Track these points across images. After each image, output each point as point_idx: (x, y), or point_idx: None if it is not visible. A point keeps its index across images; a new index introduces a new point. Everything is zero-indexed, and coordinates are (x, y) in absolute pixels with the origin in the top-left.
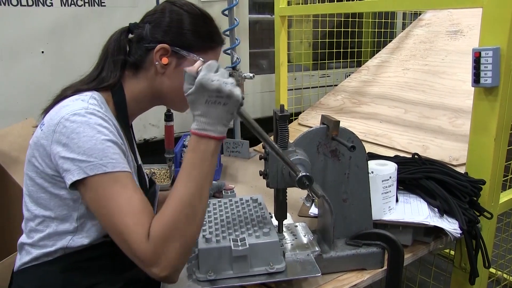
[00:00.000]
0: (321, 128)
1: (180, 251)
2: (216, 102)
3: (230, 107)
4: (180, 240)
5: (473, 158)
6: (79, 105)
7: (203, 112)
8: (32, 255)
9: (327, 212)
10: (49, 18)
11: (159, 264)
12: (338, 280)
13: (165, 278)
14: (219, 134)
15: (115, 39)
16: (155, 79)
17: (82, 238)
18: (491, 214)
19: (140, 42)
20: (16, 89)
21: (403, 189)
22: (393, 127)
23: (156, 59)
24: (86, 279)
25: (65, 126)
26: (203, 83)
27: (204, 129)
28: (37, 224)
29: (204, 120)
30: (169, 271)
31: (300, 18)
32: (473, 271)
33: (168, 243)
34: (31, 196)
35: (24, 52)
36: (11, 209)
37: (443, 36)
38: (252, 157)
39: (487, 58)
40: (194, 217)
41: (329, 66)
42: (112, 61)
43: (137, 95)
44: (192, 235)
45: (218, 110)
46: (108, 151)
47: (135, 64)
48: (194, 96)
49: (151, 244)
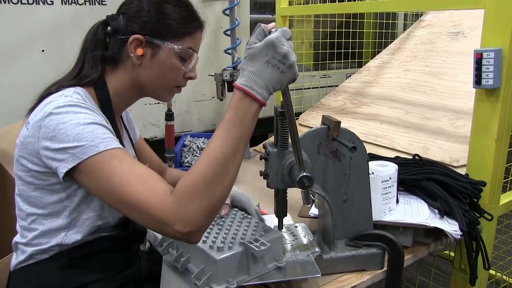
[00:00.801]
0: (322, 128)
1: (205, 209)
2: (276, 66)
3: (286, 77)
4: (206, 198)
5: (474, 160)
6: (62, 100)
7: (258, 70)
8: (27, 253)
9: (327, 213)
10: (50, 16)
11: (182, 220)
12: (338, 281)
13: (187, 235)
14: (263, 99)
15: (92, 33)
16: (133, 71)
17: (76, 233)
18: (491, 215)
19: (116, 35)
20: (16, 87)
21: (403, 190)
22: (393, 128)
23: (131, 50)
24: (84, 276)
25: (50, 119)
26: (275, 43)
27: (252, 88)
28: (29, 223)
29: (255, 79)
30: (192, 227)
31: (301, 18)
32: (473, 272)
33: (194, 199)
34: (22, 196)
35: (24, 51)
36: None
37: (444, 37)
38: (252, 157)
39: (489, 59)
40: (224, 176)
41: (330, 67)
42: (92, 57)
43: (119, 89)
44: (220, 196)
45: (274, 74)
46: (98, 132)
47: (113, 58)
48: (258, 50)
49: (175, 199)
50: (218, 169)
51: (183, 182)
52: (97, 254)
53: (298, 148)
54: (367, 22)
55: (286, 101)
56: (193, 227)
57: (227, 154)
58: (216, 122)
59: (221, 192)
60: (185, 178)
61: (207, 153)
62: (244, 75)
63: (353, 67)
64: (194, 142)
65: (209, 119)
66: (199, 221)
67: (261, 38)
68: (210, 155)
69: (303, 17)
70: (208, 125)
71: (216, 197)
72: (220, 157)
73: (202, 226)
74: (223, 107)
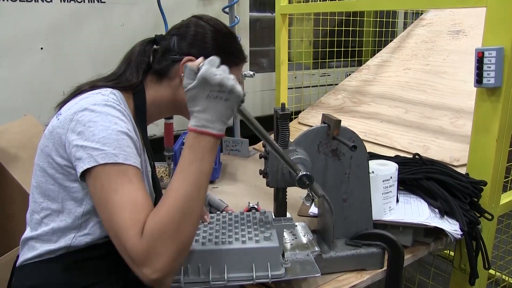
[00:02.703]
0: (322, 127)
1: (174, 251)
2: (218, 97)
3: (232, 103)
4: (174, 239)
5: (475, 159)
6: (99, 98)
7: (203, 108)
8: (36, 251)
9: (327, 212)
10: (49, 14)
11: (150, 264)
12: (337, 280)
13: (156, 281)
14: (218, 132)
15: (140, 47)
16: (179, 89)
17: (84, 236)
18: (491, 215)
19: (166, 53)
20: (14, 85)
21: (403, 189)
22: (393, 127)
23: (182, 70)
24: (88, 278)
25: (83, 114)
26: (206, 77)
27: (203, 126)
28: (42, 217)
29: (203, 117)
30: (161, 273)
31: (301, 16)
32: (473, 272)
33: (161, 241)
34: (39, 187)
35: (23, 49)
36: (10, 206)
37: (444, 36)
38: (251, 156)
39: (490, 58)
40: (190, 216)
41: (330, 65)
42: (135, 66)
43: (158, 101)
44: (187, 235)
45: (219, 105)
46: (122, 143)
47: (159, 71)
48: (195, 91)
49: (143, 241)
50: (183, 208)
51: (151, 223)
52: (102, 258)
53: (282, 156)
54: (367, 21)
55: (247, 120)
56: (162, 274)
57: (189, 193)
58: None
59: (188, 231)
60: (153, 218)
61: (170, 194)
62: (194, 117)
63: (353, 65)
64: None
65: None
66: (168, 267)
67: (194, 77)
68: (172, 195)
69: (303, 15)
70: None
71: (183, 237)
72: (182, 197)
73: (170, 271)
74: None
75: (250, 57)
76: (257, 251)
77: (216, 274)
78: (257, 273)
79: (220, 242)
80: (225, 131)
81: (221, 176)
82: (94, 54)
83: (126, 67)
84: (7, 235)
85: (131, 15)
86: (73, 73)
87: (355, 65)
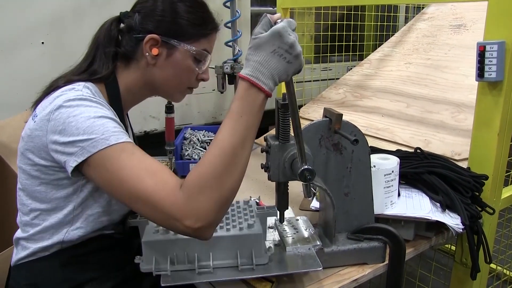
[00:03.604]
0: (324, 121)
1: (217, 201)
2: (282, 56)
3: (291, 67)
4: (217, 191)
5: (476, 153)
6: (72, 93)
7: (264, 60)
8: (28, 250)
9: (328, 206)
10: (50, 8)
11: (192, 214)
12: (339, 274)
13: (198, 231)
14: (268, 89)
15: (106, 29)
16: (147, 70)
17: (77, 229)
18: (493, 209)
19: (130, 32)
20: (15, 80)
21: (405, 183)
22: (395, 121)
23: (146, 50)
24: (84, 274)
25: (60, 112)
26: (281, 32)
27: (257, 78)
28: (32, 218)
29: (261, 69)
30: (205, 222)
31: (302, 10)
32: (475, 266)
33: (204, 192)
34: (25, 190)
35: (24, 43)
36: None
37: (446, 30)
38: (253, 150)
39: (492, 52)
40: (235, 168)
41: (331, 59)
42: (104, 53)
43: (130, 86)
44: (231, 187)
45: (279, 64)
46: (108, 125)
47: (126, 55)
48: (265, 40)
49: (184, 193)
50: (228, 160)
51: (192, 175)
52: (98, 252)
53: (300, 140)
54: (368, 15)
55: (290, 92)
56: (204, 222)
57: (236, 145)
58: (217, 115)
59: (231, 184)
60: (195, 171)
61: (215, 144)
62: (250, 65)
63: (354, 60)
64: (195, 135)
65: (210, 112)
66: (210, 216)
67: (267, 29)
68: (218, 146)
69: (304, 9)
70: (209, 118)
71: (226, 189)
72: (229, 148)
73: (213, 220)
74: (223, 100)
75: None
76: (241, 238)
77: (202, 261)
78: (242, 260)
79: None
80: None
81: None
82: None
83: (95, 54)
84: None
85: None
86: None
87: (356, 60)
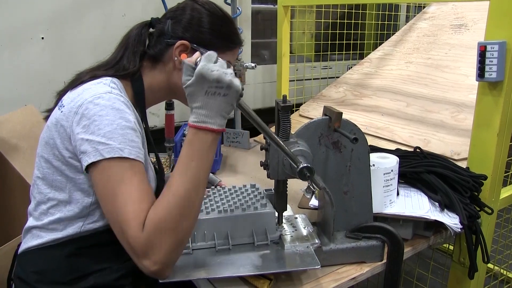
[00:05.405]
0: (323, 119)
1: (173, 244)
2: (216, 93)
3: (230, 98)
4: (173, 234)
5: (475, 153)
6: (102, 89)
7: (202, 104)
8: (42, 239)
9: (327, 204)
10: (50, 3)
11: (150, 256)
12: (337, 272)
13: (156, 272)
14: (218, 127)
15: (136, 31)
16: (173, 73)
17: (93, 223)
18: (491, 209)
19: (161, 37)
20: (15, 75)
21: (404, 182)
22: (394, 120)
23: (175, 54)
24: (90, 265)
25: (87, 108)
26: (203, 73)
27: (203, 122)
28: (49, 207)
29: (203, 112)
30: (161, 265)
31: (303, 8)
32: (473, 266)
33: (161, 235)
34: (45, 179)
35: (24, 38)
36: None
37: (447, 29)
38: (252, 148)
39: (493, 52)
40: (189, 211)
41: (331, 58)
42: (132, 52)
43: (153, 86)
44: (187, 230)
45: (217, 101)
46: (128, 137)
47: (154, 56)
48: (194, 87)
49: (144, 234)
50: (183, 204)
51: (151, 217)
52: (105, 244)
53: (283, 149)
54: (369, 14)
55: (245, 113)
56: (161, 266)
57: (189, 189)
58: None
59: (186, 226)
60: (153, 212)
61: (169, 190)
62: (193, 113)
63: (355, 58)
64: None
65: None
66: (167, 257)
67: (191, 73)
68: (172, 192)
69: (305, 7)
70: None
71: (182, 231)
72: (182, 193)
73: (169, 262)
74: None
75: (251, 49)
76: (256, 216)
77: (221, 239)
78: (258, 237)
79: (223, 211)
80: (225, 125)
81: (221, 168)
82: (95, 44)
83: (123, 53)
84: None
85: (132, 5)
86: (74, 63)
87: (356, 58)
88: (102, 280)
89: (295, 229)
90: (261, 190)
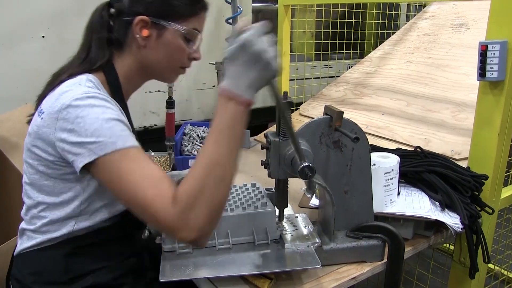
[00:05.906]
0: (324, 118)
1: (208, 214)
2: (254, 65)
3: (265, 75)
4: (208, 203)
5: (476, 153)
6: (79, 90)
7: (236, 72)
8: (35, 241)
9: (328, 204)
10: (50, 2)
11: (187, 227)
12: (337, 272)
13: (194, 241)
14: (247, 99)
15: (97, 14)
16: (139, 52)
17: (86, 221)
18: (492, 209)
19: (120, 16)
20: (15, 74)
21: (404, 182)
22: (395, 120)
23: (136, 32)
24: (88, 264)
25: (68, 112)
26: (245, 44)
27: (233, 91)
28: (39, 211)
29: (235, 81)
30: (198, 233)
31: (304, 8)
32: (473, 266)
33: (195, 205)
34: (33, 184)
35: (24, 37)
36: (10, 194)
37: (447, 29)
38: (252, 147)
39: (494, 51)
40: (223, 179)
41: (332, 57)
42: (98, 39)
43: (127, 72)
44: (221, 198)
45: (252, 73)
46: (116, 129)
47: (119, 40)
48: (232, 53)
49: (177, 208)
50: (215, 172)
51: (183, 188)
52: (102, 243)
53: (295, 141)
54: (369, 13)
55: (274, 96)
56: (198, 234)
57: (221, 158)
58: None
59: (221, 194)
60: (185, 184)
61: (201, 159)
62: (225, 79)
63: (355, 57)
64: (195, 130)
65: (210, 107)
66: (203, 228)
67: (235, 39)
68: (205, 160)
69: (305, 6)
70: (209, 113)
71: (216, 201)
72: (215, 161)
73: (207, 232)
74: None
75: None
76: (257, 215)
77: (221, 238)
78: (258, 236)
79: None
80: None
81: None
82: None
83: (90, 44)
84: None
85: None
86: None
87: (357, 57)
88: (100, 279)
89: (296, 228)
90: (261, 189)
